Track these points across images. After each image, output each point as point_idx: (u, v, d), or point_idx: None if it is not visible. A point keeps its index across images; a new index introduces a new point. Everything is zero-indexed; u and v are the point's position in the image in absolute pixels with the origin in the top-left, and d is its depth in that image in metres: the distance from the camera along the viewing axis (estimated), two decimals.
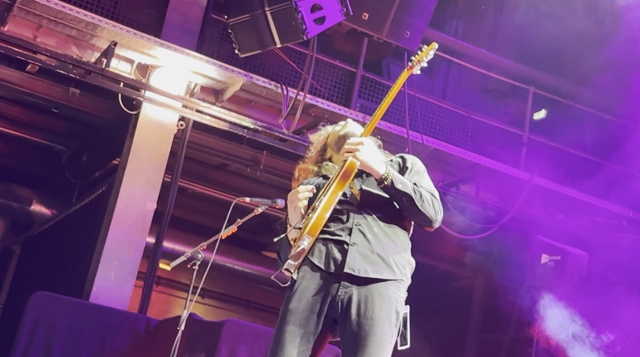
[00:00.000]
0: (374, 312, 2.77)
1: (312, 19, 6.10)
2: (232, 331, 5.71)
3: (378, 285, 2.82)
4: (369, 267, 2.83)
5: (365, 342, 2.74)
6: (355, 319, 2.77)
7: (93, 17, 6.78)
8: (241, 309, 12.52)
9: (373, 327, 2.75)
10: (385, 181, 2.87)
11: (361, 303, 2.78)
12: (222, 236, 4.41)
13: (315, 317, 2.81)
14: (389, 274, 2.85)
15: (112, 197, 7.14)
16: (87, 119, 8.29)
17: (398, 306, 2.85)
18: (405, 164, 3.07)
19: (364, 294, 2.80)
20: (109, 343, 5.80)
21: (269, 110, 7.92)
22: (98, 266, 6.92)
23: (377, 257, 2.85)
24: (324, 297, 2.81)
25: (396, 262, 2.89)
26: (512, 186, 8.80)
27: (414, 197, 2.88)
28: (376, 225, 2.91)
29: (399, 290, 2.88)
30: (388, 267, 2.86)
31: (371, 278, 2.82)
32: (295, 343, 2.79)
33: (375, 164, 2.89)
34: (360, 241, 2.85)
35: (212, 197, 9.92)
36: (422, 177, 3.02)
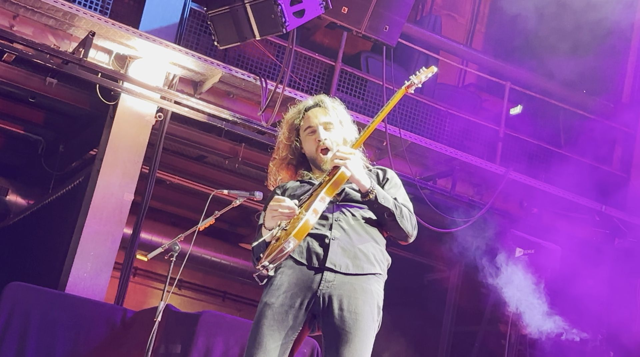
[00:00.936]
0: (357, 307, 2.79)
1: (292, 12, 6.12)
2: (208, 322, 5.73)
3: (360, 279, 2.85)
4: (349, 261, 2.85)
5: (349, 337, 2.76)
6: (338, 314, 2.78)
7: (71, 6, 6.74)
8: (218, 301, 12.53)
9: (357, 321, 2.78)
10: (370, 194, 2.89)
11: (344, 297, 2.80)
12: (200, 227, 4.43)
13: (295, 311, 2.81)
14: (369, 268, 2.88)
15: (89, 188, 7.11)
16: (64, 109, 8.23)
17: (379, 300, 2.89)
18: (385, 175, 3.10)
19: (347, 289, 2.82)
20: (85, 334, 5.79)
21: (247, 102, 7.93)
22: (74, 257, 6.89)
23: (359, 251, 2.88)
24: (305, 292, 2.82)
25: (376, 257, 2.93)
26: (488, 180, 8.90)
27: (395, 213, 2.91)
28: (355, 221, 2.94)
29: (379, 284, 2.92)
30: (369, 261, 2.89)
31: (353, 273, 2.85)
32: (273, 337, 2.79)
33: (362, 177, 2.89)
34: (340, 235, 2.87)
35: (190, 189, 9.91)
36: (399, 191, 3.07)
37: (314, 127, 3.09)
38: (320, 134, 3.07)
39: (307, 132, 3.11)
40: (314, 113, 3.12)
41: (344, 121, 3.16)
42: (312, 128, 3.09)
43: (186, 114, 7.49)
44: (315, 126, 3.09)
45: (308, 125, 3.10)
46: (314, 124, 3.09)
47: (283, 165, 3.18)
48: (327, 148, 3.07)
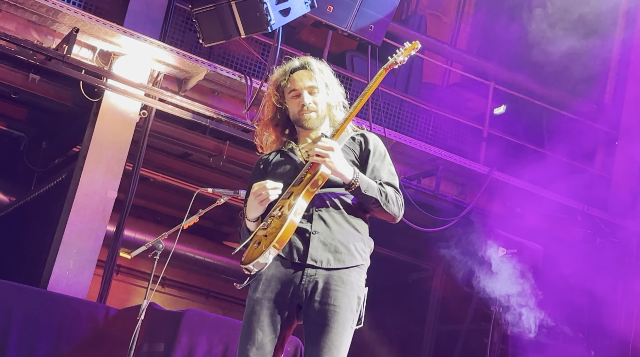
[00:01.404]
0: (337, 299, 2.82)
1: (277, 10, 6.11)
2: (192, 321, 5.71)
3: (340, 272, 2.86)
4: (331, 256, 2.86)
5: (327, 329, 2.79)
6: (318, 306, 2.82)
7: (54, 2, 6.69)
8: (201, 299, 12.50)
9: (335, 313, 2.80)
10: (353, 186, 2.86)
11: (324, 290, 2.83)
12: (184, 226, 4.42)
13: (282, 305, 2.86)
14: (351, 261, 2.89)
15: (72, 185, 7.06)
16: (47, 105, 8.17)
17: (359, 291, 2.90)
18: (367, 146, 3.05)
19: (327, 281, 2.84)
20: (67, 332, 5.75)
21: (232, 100, 7.91)
22: (57, 254, 6.85)
23: (339, 244, 2.88)
24: (289, 286, 2.85)
25: (357, 248, 2.93)
26: (472, 180, 8.95)
27: (380, 200, 2.90)
28: (336, 211, 2.93)
29: (360, 275, 2.92)
30: (350, 254, 2.89)
31: (334, 267, 2.86)
32: (264, 332, 2.83)
33: (344, 170, 2.85)
34: (321, 229, 2.87)
35: (174, 187, 9.88)
36: (384, 164, 3.04)
37: (298, 91, 3.06)
38: (305, 98, 3.04)
39: (292, 95, 3.08)
40: (299, 76, 3.08)
41: (329, 85, 3.12)
42: (296, 91, 3.06)
43: (170, 111, 7.46)
44: (300, 90, 3.05)
45: (293, 88, 3.07)
46: (298, 87, 3.06)
47: (269, 126, 3.15)
48: (312, 111, 3.05)
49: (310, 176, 2.84)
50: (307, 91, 3.05)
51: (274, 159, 3.10)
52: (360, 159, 3.04)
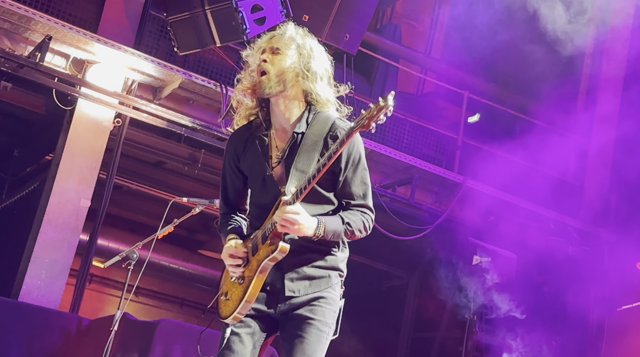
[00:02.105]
0: (312, 312, 2.82)
1: (253, 19, 6.12)
2: (166, 331, 5.68)
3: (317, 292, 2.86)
4: (307, 283, 2.85)
5: (301, 339, 2.79)
6: (294, 319, 2.82)
7: (27, 10, 6.63)
8: (176, 308, 12.41)
9: (312, 326, 2.80)
10: (317, 237, 2.78)
11: (301, 306, 2.83)
12: (159, 235, 4.40)
13: (258, 316, 2.87)
14: (327, 282, 2.88)
15: (45, 194, 6.99)
16: (19, 113, 8.08)
17: (335, 306, 2.89)
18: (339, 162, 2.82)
19: (304, 300, 2.84)
20: (39, 343, 5.69)
21: (207, 108, 7.89)
22: (28, 264, 6.77)
23: (314, 269, 2.86)
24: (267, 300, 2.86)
25: (332, 269, 2.90)
26: (447, 188, 9.00)
27: (345, 239, 2.88)
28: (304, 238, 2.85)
29: (335, 290, 2.91)
30: (325, 277, 2.87)
31: (311, 292, 2.85)
32: (244, 344, 2.84)
33: (307, 230, 2.73)
34: (292, 260, 2.82)
35: (148, 195, 9.81)
36: (356, 172, 2.88)
37: (263, 49, 2.87)
38: (263, 55, 2.84)
39: (258, 53, 2.87)
40: (268, 35, 2.89)
41: (304, 52, 2.86)
42: (261, 49, 2.87)
43: (145, 119, 7.42)
44: (262, 48, 2.87)
45: (259, 46, 2.89)
46: (262, 46, 2.87)
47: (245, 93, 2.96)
48: (262, 71, 2.83)
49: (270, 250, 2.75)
50: (268, 50, 2.86)
51: (246, 150, 2.95)
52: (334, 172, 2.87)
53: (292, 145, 2.86)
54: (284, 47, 2.85)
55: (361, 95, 8.66)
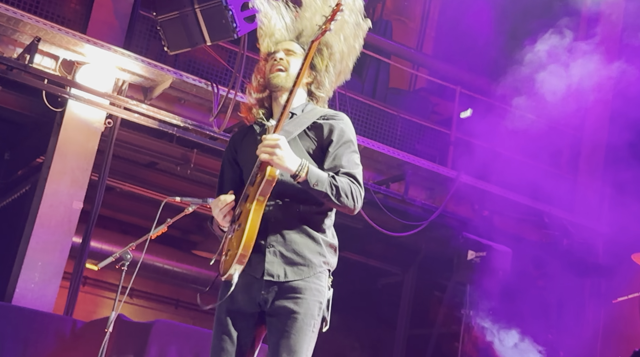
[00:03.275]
0: (295, 305, 2.79)
1: (243, 17, 6.09)
2: (161, 332, 5.66)
3: (299, 281, 2.82)
4: (288, 269, 2.81)
5: (285, 334, 2.77)
6: (278, 313, 2.80)
7: (15, 11, 6.58)
8: (170, 309, 12.37)
9: (295, 320, 2.78)
10: (299, 178, 2.75)
11: (284, 298, 2.81)
12: (152, 235, 4.36)
13: (248, 314, 2.86)
14: (309, 271, 2.84)
15: (36, 197, 6.95)
16: (8, 116, 8.03)
17: (320, 296, 2.85)
18: (330, 135, 2.90)
19: (286, 290, 2.81)
20: (33, 347, 5.66)
21: (199, 108, 7.86)
22: (21, 267, 6.73)
23: (296, 255, 2.83)
24: (252, 295, 2.84)
25: (315, 256, 2.86)
26: (440, 184, 9.00)
27: (331, 194, 2.78)
28: (292, 216, 2.85)
29: (320, 280, 2.86)
30: (308, 264, 2.84)
31: (292, 279, 2.82)
32: (234, 341, 2.84)
33: (290, 164, 2.73)
34: (277, 240, 2.82)
35: (140, 196, 9.77)
36: (346, 151, 2.91)
37: (276, 51, 3.02)
38: (278, 54, 2.99)
39: (270, 58, 3.03)
40: (284, 39, 3.05)
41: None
42: (275, 53, 3.01)
43: (136, 120, 7.38)
44: (277, 50, 3.02)
45: (273, 50, 3.03)
46: (277, 49, 3.02)
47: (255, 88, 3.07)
48: (281, 68, 2.97)
49: (259, 180, 2.75)
50: (284, 52, 3.00)
51: (244, 141, 3.03)
52: (321, 148, 2.91)
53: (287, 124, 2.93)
54: (299, 49, 3.02)
55: (352, 91, 8.65)
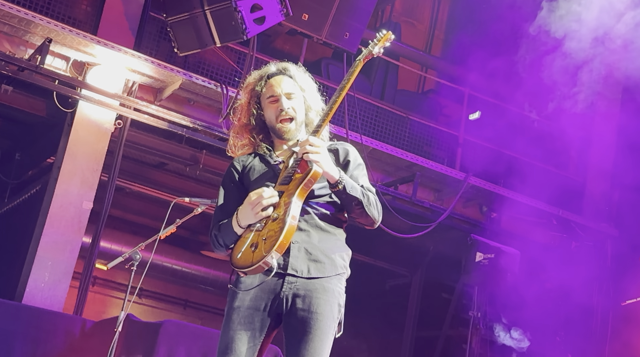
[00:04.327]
0: (318, 307, 2.81)
1: (252, 19, 6.12)
2: (170, 332, 5.67)
3: (321, 280, 2.85)
4: (312, 265, 2.85)
5: (309, 336, 2.78)
6: (298, 314, 2.80)
7: (27, 12, 6.62)
8: (179, 309, 12.41)
9: (317, 321, 2.79)
10: (339, 185, 2.84)
11: (305, 298, 2.81)
12: (162, 236, 4.39)
13: (260, 313, 2.84)
14: (332, 270, 2.88)
15: (47, 197, 6.99)
16: (20, 117, 8.08)
17: (340, 299, 2.89)
18: (346, 156, 3.03)
19: (308, 289, 2.83)
20: (43, 346, 5.69)
21: (208, 109, 7.89)
22: (31, 267, 6.77)
23: (320, 253, 2.87)
24: (268, 294, 2.83)
25: (338, 256, 2.92)
26: (449, 186, 9.00)
27: (363, 202, 2.89)
28: (316, 218, 2.91)
29: (340, 283, 2.92)
30: (331, 262, 2.89)
31: (315, 277, 2.85)
32: (242, 340, 2.81)
33: (331, 169, 2.83)
34: (301, 238, 2.86)
35: (150, 197, 9.81)
36: (362, 173, 3.04)
37: (276, 96, 3.02)
38: (283, 103, 3.00)
39: (270, 101, 3.04)
40: (277, 81, 3.04)
41: (307, 90, 3.08)
42: (274, 97, 3.02)
43: (146, 121, 7.42)
44: (277, 95, 3.01)
45: (270, 94, 3.03)
46: (276, 93, 3.02)
47: (243, 131, 3.10)
48: (290, 118, 3.02)
49: (302, 176, 2.80)
50: (285, 97, 3.02)
51: (250, 162, 3.05)
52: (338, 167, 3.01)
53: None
54: (296, 90, 3.05)
55: (361, 93, 8.66)
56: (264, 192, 2.79)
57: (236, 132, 3.12)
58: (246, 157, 3.09)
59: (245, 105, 3.09)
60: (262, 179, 2.96)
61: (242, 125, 3.10)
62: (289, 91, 3.03)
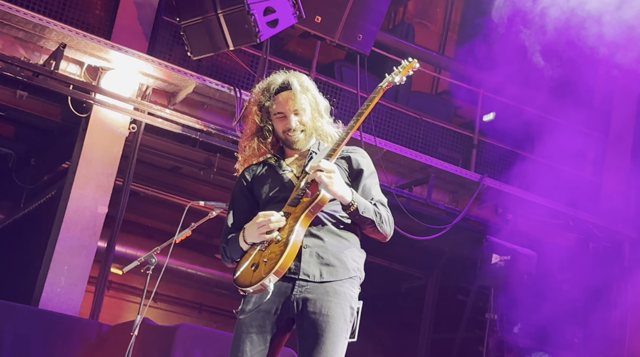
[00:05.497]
0: (330, 309, 2.81)
1: (265, 22, 6.11)
2: (185, 335, 5.67)
3: (333, 284, 2.86)
4: (323, 269, 2.85)
5: (322, 339, 2.78)
6: (311, 317, 2.81)
7: (41, 18, 6.66)
8: (194, 313, 12.42)
9: (329, 323, 2.80)
10: (351, 207, 2.86)
11: (317, 301, 2.82)
12: (177, 240, 4.39)
13: (272, 317, 2.85)
14: (344, 274, 2.89)
15: (62, 201, 7.01)
16: (35, 122, 8.12)
17: (352, 302, 2.90)
18: (359, 165, 3.04)
19: (320, 292, 2.83)
20: (59, 350, 5.70)
21: (222, 112, 7.89)
22: (48, 271, 6.80)
23: (332, 256, 2.88)
24: (280, 298, 2.84)
25: (350, 260, 2.92)
26: (463, 187, 8.95)
27: (375, 221, 2.91)
28: (328, 224, 2.92)
29: (353, 286, 2.92)
30: (343, 266, 2.89)
31: (327, 280, 2.85)
32: (253, 344, 2.83)
33: (344, 192, 2.84)
34: (313, 242, 2.86)
35: (164, 201, 9.82)
36: (374, 182, 3.05)
37: (284, 113, 3.05)
38: (292, 121, 3.03)
39: (277, 117, 3.07)
40: (284, 98, 3.06)
41: (313, 101, 3.10)
42: (282, 114, 3.06)
43: (160, 125, 7.43)
44: (285, 112, 3.05)
45: (278, 110, 3.06)
46: (284, 110, 3.05)
47: (252, 139, 3.13)
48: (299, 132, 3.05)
49: (309, 201, 2.82)
50: (293, 114, 3.05)
51: (259, 172, 3.09)
52: (350, 177, 3.03)
53: (309, 160, 3.02)
54: (303, 105, 3.06)
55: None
56: (273, 216, 2.83)
57: (245, 140, 3.16)
58: (256, 166, 3.12)
59: (254, 117, 3.12)
60: (270, 190, 2.99)
61: (251, 135, 3.14)
62: (296, 108, 3.05)
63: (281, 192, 2.96)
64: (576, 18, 7.65)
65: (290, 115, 3.04)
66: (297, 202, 2.86)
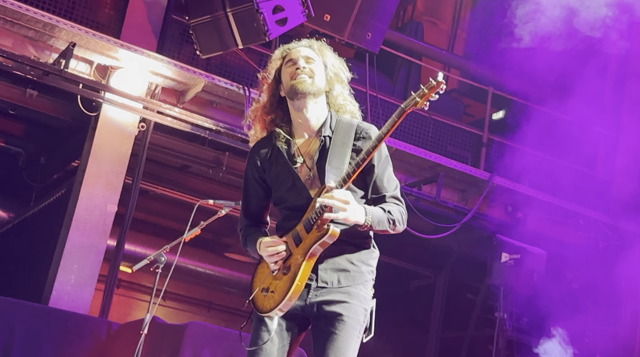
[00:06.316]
0: (344, 310, 2.85)
1: (274, 20, 6.12)
2: (195, 334, 5.68)
3: (349, 287, 2.90)
4: (341, 275, 2.89)
5: (334, 337, 2.82)
6: (325, 317, 2.85)
7: (51, 17, 6.68)
8: (203, 311, 12.44)
9: (342, 322, 2.83)
10: (365, 226, 2.84)
11: (332, 303, 2.86)
12: (186, 238, 4.40)
13: (290, 316, 2.90)
14: (360, 278, 2.92)
15: (72, 200, 7.03)
16: (44, 120, 8.15)
17: (366, 304, 2.92)
18: (371, 161, 2.93)
19: (335, 294, 2.87)
20: (69, 348, 5.72)
21: (231, 111, 7.89)
22: (57, 270, 6.82)
23: (347, 262, 2.90)
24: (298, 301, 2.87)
25: (365, 264, 2.95)
26: (473, 186, 8.93)
27: (389, 228, 2.90)
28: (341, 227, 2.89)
29: (367, 288, 2.95)
30: (358, 270, 2.92)
31: (344, 285, 2.89)
32: (274, 341, 2.88)
33: (357, 217, 2.79)
34: (327, 249, 2.86)
35: (173, 199, 9.84)
36: (387, 169, 3.01)
37: (294, 59, 2.98)
38: (300, 62, 2.96)
39: (287, 64, 3.00)
40: (298, 47, 3.02)
41: (330, 65, 3.02)
42: (292, 60, 2.99)
43: (169, 124, 7.44)
44: (296, 58, 2.98)
45: (289, 58, 3.00)
46: (295, 56, 2.98)
47: (262, 111, 3.08)
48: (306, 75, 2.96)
49: (319, 235, 2.78)
50: (303, 59, 2.98)
51: (269, 157, 3.02)
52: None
53: (322, 148, 2.95)
54: (317, 59, 3.00)
55: (384, 93, 8.62)
56: (280, 246, 2.86)
57: (255, 112, 3.10)
58: (265, 149, 3.04)
59: (266, 82, 3.07)
60: (280, 186, 2.97)
61: (263, 105, 3.07)
62: (308, 55, 2.99)
63: (292, 191, 2.95)
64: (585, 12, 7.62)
65: (300, 59, 2.97)
66: (310, 228, 2.82)
